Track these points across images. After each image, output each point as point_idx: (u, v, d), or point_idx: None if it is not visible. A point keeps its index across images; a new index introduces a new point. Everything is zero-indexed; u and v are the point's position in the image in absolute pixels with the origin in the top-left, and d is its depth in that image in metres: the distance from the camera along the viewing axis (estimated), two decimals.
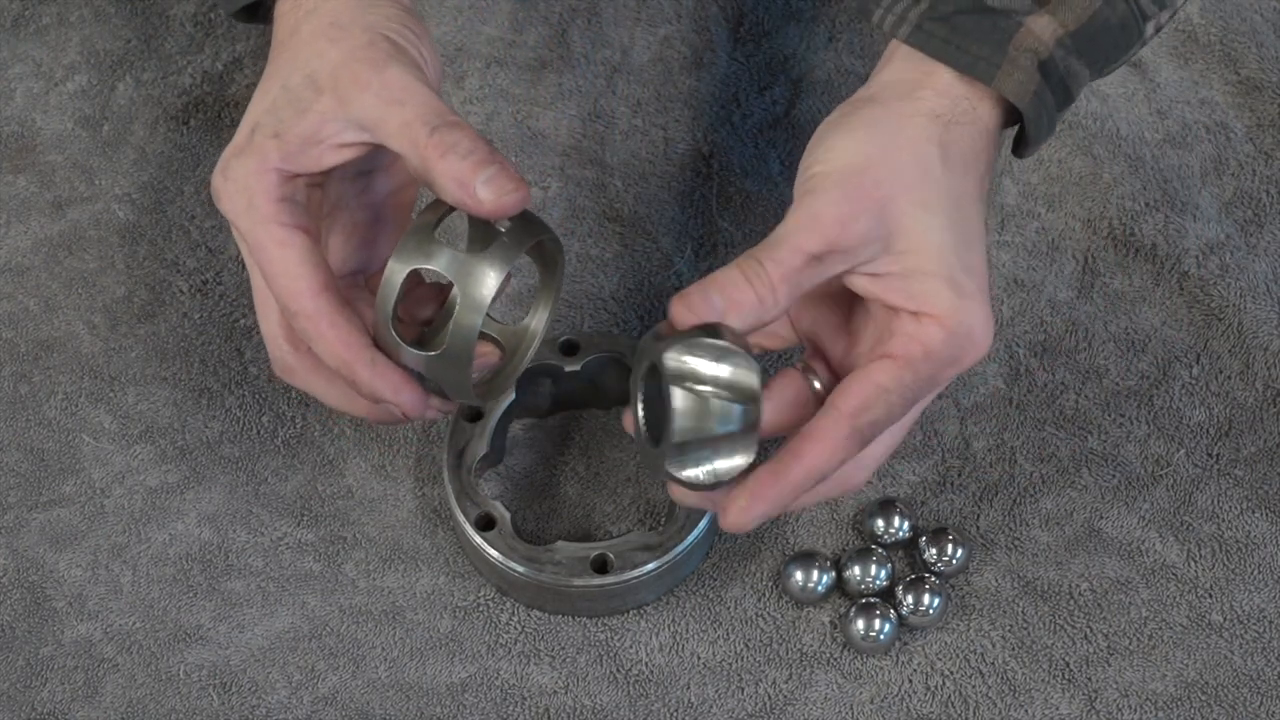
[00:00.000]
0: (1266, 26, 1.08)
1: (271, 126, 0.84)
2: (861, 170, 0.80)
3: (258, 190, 0.84)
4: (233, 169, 0.85)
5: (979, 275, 0.81)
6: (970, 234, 0.81)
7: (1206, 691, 0.92)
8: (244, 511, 0.96)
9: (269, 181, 0.84)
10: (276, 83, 0.85)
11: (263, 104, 0.85)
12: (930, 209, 0.80)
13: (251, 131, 0.84)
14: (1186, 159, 1.05)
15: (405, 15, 0.85)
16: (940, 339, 0.80)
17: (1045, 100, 0.83)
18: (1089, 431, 0.98)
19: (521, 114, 1.06)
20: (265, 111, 0.84)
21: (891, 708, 0.91)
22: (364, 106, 0.82)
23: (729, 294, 0.79)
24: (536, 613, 0.94)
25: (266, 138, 0.84)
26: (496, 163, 0.81)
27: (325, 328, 0.84)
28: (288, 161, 0.84)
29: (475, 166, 0.81)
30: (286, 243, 0.84)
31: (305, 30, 0.85)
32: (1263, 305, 1.01)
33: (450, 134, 0.81)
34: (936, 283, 0.80)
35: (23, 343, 1.00)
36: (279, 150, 0.84)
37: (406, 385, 0.85)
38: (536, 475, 0.97)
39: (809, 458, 0.80)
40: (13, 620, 0.93)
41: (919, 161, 0.81)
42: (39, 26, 1.08)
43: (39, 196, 1.04)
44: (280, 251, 0.84)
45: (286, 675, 0.92)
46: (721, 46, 1.07)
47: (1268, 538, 0.95)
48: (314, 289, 0.84)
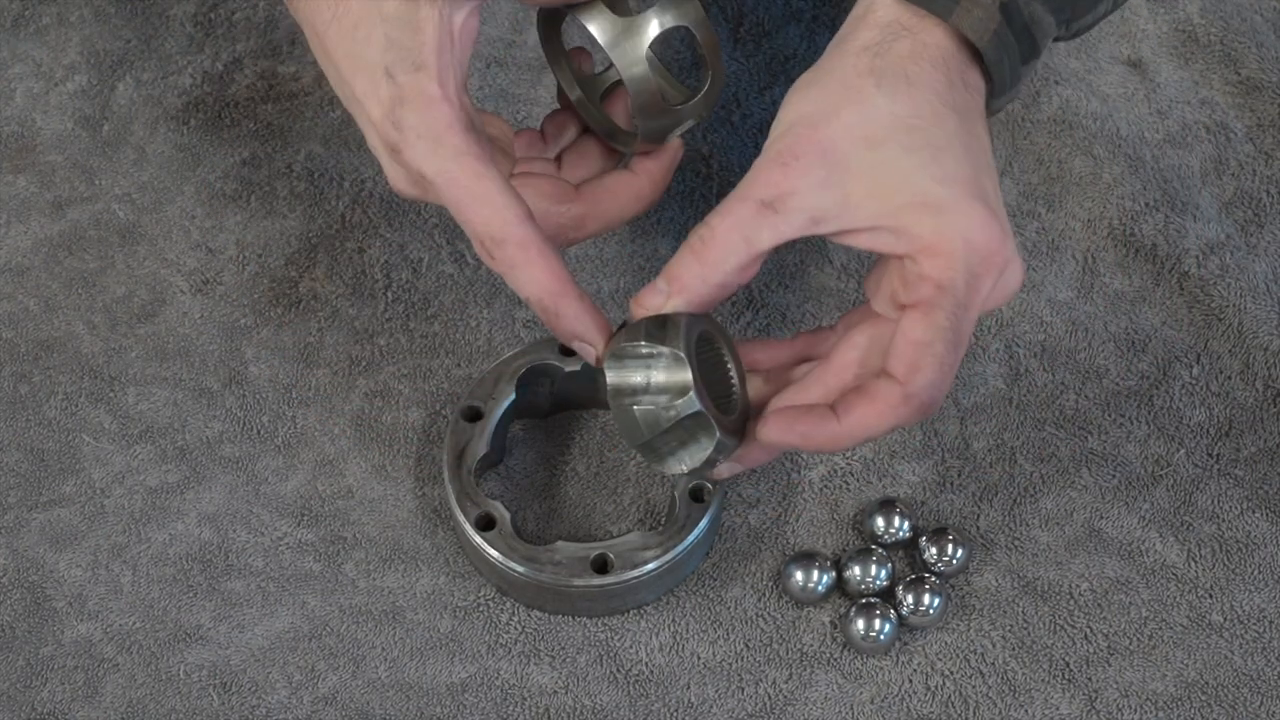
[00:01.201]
0: (1266, 26, 1.08)
1: (406, 60, 0.81)
2: (801, 120, 0.80)
3: (440, 127, 0.81)
4: (403, 118, 0.81)
5: (961, 182, 0.79)
6: (936, 146, 0.79)
7: (1206, 691, 0.92)
8: (244, 511, 0.96)
9: (446, 115, 0.81)
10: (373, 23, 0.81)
11: (374, 47, 0.81)
12: (877, 142, 0.79)
13: (388, 76, 0.81)
14: (1186, 159, 1.05)
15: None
16: (944, 267, 0.78)
17: (1007, 42, 0.81)
18: (1089, 431, 0.98)
19: (521, 114, 1.06)
20: (384, 50, 0.81)
21: (891, 708, 0.91)
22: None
23: (673, 274, 0.81)
24: (536, 613, 0.94)
25: (410, 73, 0.81)
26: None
27: (535, 255, 0.82)
28: (444, 83, 0.81)
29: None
30: (483, 174, 0.81)
31: None
32: (1263, 305, 1.01)
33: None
34: (911, 214, 0.78)
35: (23, 343, 1.00)
36: (430, 79, 0.81)
37: (604, 329, 0.84)
38: (536, 475, 0.97)
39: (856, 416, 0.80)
40: (13, 620, 0.93)
41: (853, 96, 0.80)
42: (39, 26, 1.08)
43: (39, 196, 1.04)
44: (479, 184, 0.81)
45: (286, 675, 0.92)
46: (721, 46, 1.07)
47: (1268, 538, 0.95)
48: (520, 217, 0.81)
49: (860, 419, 0.80)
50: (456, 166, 0.81)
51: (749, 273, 0.82)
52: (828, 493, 0.96)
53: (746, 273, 0.82)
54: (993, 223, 0.79)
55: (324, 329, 1.00)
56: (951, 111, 0.80)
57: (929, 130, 0.79)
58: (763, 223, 0.80)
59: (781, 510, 0.96)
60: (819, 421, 0.81)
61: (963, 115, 0.81)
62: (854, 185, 0.79)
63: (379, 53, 0.81)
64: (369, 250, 1.02)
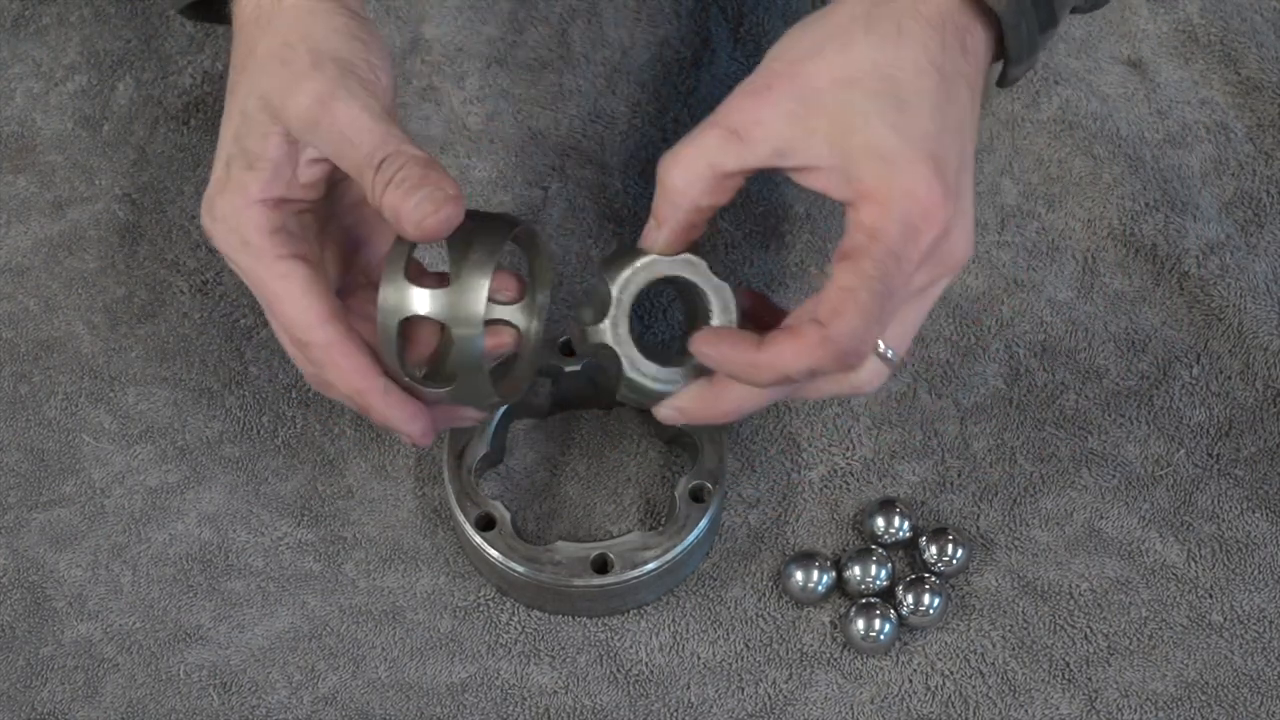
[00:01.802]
0: (1266, 26, 1.08)
1: (242, 158, 0.84)
2: (784, 55, 0.80)
3: (248, 226, 0.84)
4: (218, 208, 0.84)
5: (918, 138, 0.78)
6: (904, 98, 0.79)
7: (1206, 691, 0.92)
8: (244, 511, 0.96)
9: (257, 215, 0.84)
10: (236, 108, 0.84)
11: (229, 133, 0.85)
12: (849, 84, 0.79)
13: (227, 166, 0.84)
14: (1186, 159, 1.05)
15: (354, 24, 0.85)
16: (879, 215, 0.78)
17: (1025, 8, 0.81)
18: (1089, 431, 0.98)
19: (521, 114, 1.06)
20: (232, 141, 0.84)
21: (891, 708, 0.91)
22: (318, 141, 0.82)
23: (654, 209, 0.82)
24: (536, 613, 0.94)
25: (241, 170, 0.84)
26: (426, 185, 0.80)
27: (337, 357, 0.84)
28: (268, 190, 0.84)
29: (405, 195, 0.80)
30: (287, 275, 0.84)
31: (261, 49, 0.84)
32: (1263, 305, 1.01)
33: (389, 167, 0.81)
34: (860, 158, 0.78)
35: (23, 343, 1.00)
36: (257, 181, 0.83)
37: (418, 415, 0.85)
38: (536, 475, 0.97)
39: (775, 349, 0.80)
40: (13, 620, 0.93)
41: (839, 38, 0.80)
42: (39, 26, 1.08)
43: (39, 196, 1.04)
44: (282, 285, 0.84)
45: (286, 675, 0.92)
46: (721, 46, 1.07)
47: (1268, 538, 0.95)
48: (321, 318, 0.83)
49: (778, 352, 0.80)
50: (261, 267, 0.84)
51: (722, 197, 0.82)
52: (828, 493, 0.96)
53: (718, 196, 0.82)
54: (936, 181, 0.78)
55: None
56: (934, 70, 0.80)
57: (903, 82, 0.79)
58: (728, 149, 0.80)
59: (781, 510, 0.96)
60: (740, 346, 0.81)
61: (947, 77, 0.80)
62: (818, 122, 0.79)
63: (226, 142, 0.85)
64: None
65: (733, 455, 0.97)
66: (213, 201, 0.85)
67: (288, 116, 0.82)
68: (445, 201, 0.80)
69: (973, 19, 0.81)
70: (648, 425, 0.98)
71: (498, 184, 1.04)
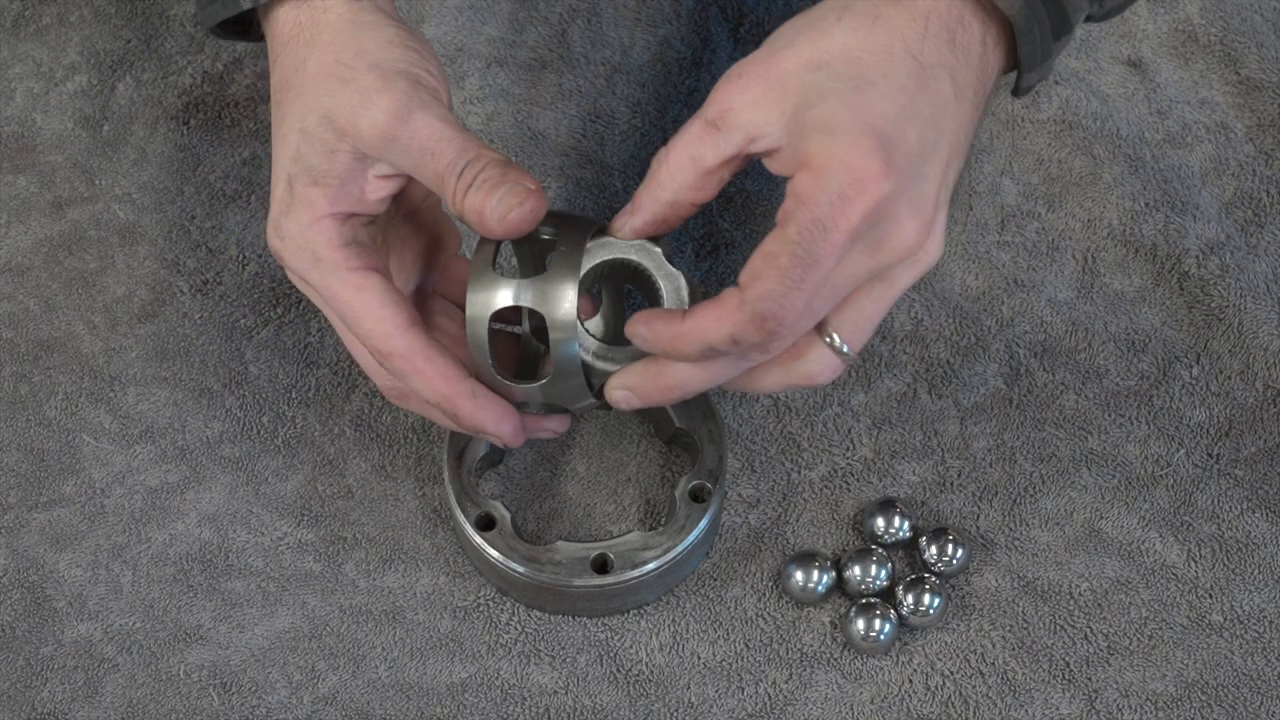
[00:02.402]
0: (1266, 26, 1.08)
1: (307, 175, 0.84)
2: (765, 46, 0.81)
3: (319, 242, 0.84)
4: (285, 227, 0.84)
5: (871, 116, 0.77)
6: (869, 80, 0.78)
7: (1206, 691, 0.92)
8: (244, 511, 0.96)
9: (327, 230, 0.84)
10: (293, 127, 0.84)
11: (286, 152, 0.84)
12: (817, 66, 0.79)
13: (289, 184, 0.84)
14: (1186, 159, 1.05)
15: (404, 34, 0.85)
16: (810, 182, 0.77)
17: (1037, 12, 0.81)
18: (1089, 431, 0.98)
19: (521, 114, 1.06)
20: (292, 160, 0.84)
21: (891, 708, 0.91)
22: (394, 156, 0.83)
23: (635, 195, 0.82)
24: (536, 613, 0.94)
25: (306, 187, 0.84)
26: (507, 181, 0.81)
27: (421, 364, 0.84)
28: (336, 204, 0.84)
29: (488, 193, 0.81)
30: (362, 286, 0.84)
31: (312, 66, 0.84)
32: (1263, 305, 1.01)
33: (471, 171, 0.81)
34: (812, 133, 0.77)
35: (23, 343, 1.00)
36: (324, 196, 0.83)
37: (507, 416, 0.86)
38: (536, 475, 0.97)
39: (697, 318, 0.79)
40: (13, 620, 0.93)
41: (815, 27, 0.80)
42: (39, 26, 1.08)
43: (39, 196, 1.04)
44: (359, 297, 0.84)
45: (286, 675, 0.92)
46: (721, 46, 1.07)
47: (1268, 538, 0.95)
48: (400, 327, 0.83)
49: (698, 321, 0.79)
50: (335, 281, 0.84)
51: (702, 193, 0.82)
52: (828, 493, 0.96)
53: (699, 193, 0.82)
54: (876, 155, 0.77)
55: (324, 329, 1.00)
56: (910, 58, 0.79)
57: (870, 65, 0.79)
58: (706, 141, 0.80)
59: (781, 510, 0.96)
60: (666, 320, 0.81)
61: (925, 67, 0.79)
62: (785, 105, 0.79)
63: (288, 159, 0.84)
64: None
65: (733, 455, 0.97)
66: (279, 222, 0.85)
67: (359, 134, 0.82)
68: (528, 195, 0.81)
69: (970, 16, 0.80)
70: (647, 425, 0.98)
71: None
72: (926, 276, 1.01)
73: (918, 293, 1.01)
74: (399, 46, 0.84)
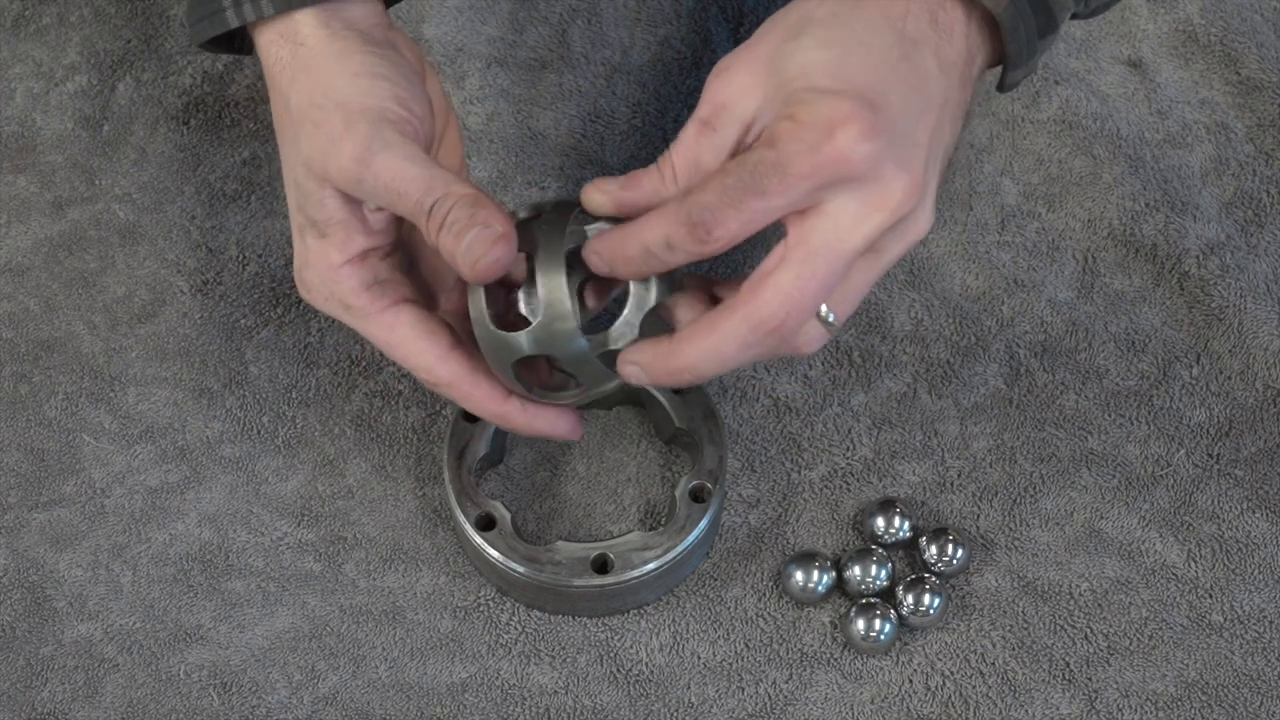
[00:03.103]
0: (1266, 26, 1.08)
1: (312, 228, 0.85)
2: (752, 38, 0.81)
3: (342, 290, 0.85)
4: (309, 281, 0.86)
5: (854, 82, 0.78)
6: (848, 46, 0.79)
7: (1206, 691, 0.92)
8: (244, 511, 0.96)
9: (346, 278, 0.85)
10: (290, 178, 0.85)
11: (293, 204, 0.86)
12: (798, 32, 0.79)
13: (302, 237, 0.85)
14: (1186, 159, 1.05)
15: (372, 60, 0.84)
16: (786, 128, 0.77)
17: (1023, 11, 0.81)
18: (1089, 431, 0.98)
19: (521, 114, 1.06)
20: (298, 212, 0.85)
21: (891, 708, 0.91)
22: (366, 196, 0.83)
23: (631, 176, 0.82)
24: (536, 613, 0.94)
25: (316, 240, 0.85)
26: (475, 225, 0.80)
27: (468, 390, 0.85)
28: (347, 250, 0.84)
29: (456, 238, 0.81)
30: (394, 325, 0.85)
31: (294, 104, 0.85)
32: (1263, 305, 1.01)
33: (438, 211, 0.81)
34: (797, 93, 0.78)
35: (23, 343, 1.00)
36: (334, 246, 0.84)
37: (561, 417, 0.87)
38: (536, 475, 0.97)
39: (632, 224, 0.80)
40: (13, 620, 0.93)
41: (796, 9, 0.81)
42: (39, 26, 1.08)
43: (39, 196, 1.04)
44: (394, 335, 0.85)
45: (286, 675, 0.92)
46: (721, 46, 1.07)
47: (1268, 538, 0.95)
48: (439, 357, 0.85)
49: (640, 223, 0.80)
50: (369, 325, 0.85)
51: None
52: (828, 493, 0.96)
53: None
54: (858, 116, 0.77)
55: (324, 329, 1.00)
56: (892, 31, 0.80)
57: (851, 31, 0.79)
58: (705, 143, 0.80)
59: (781, 510, 0.96)
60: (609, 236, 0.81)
61: (906, 39, 0.80)
62: (771, 82, 0.79)
63: (293, 212, 0.86)
64: None
65: (733, 455, 0.97)
66: (301, 276, 0.86)
67: (334, 179, 0.83)
68: (495, 242, 0.80)
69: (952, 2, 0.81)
70: (647, 425, 0.98)
71: (498, 184, 1.04)
72: (926, 276, 1.01)
73: (918, 292, 1.01)
74: (365, 77, 0.84)
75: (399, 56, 0.86)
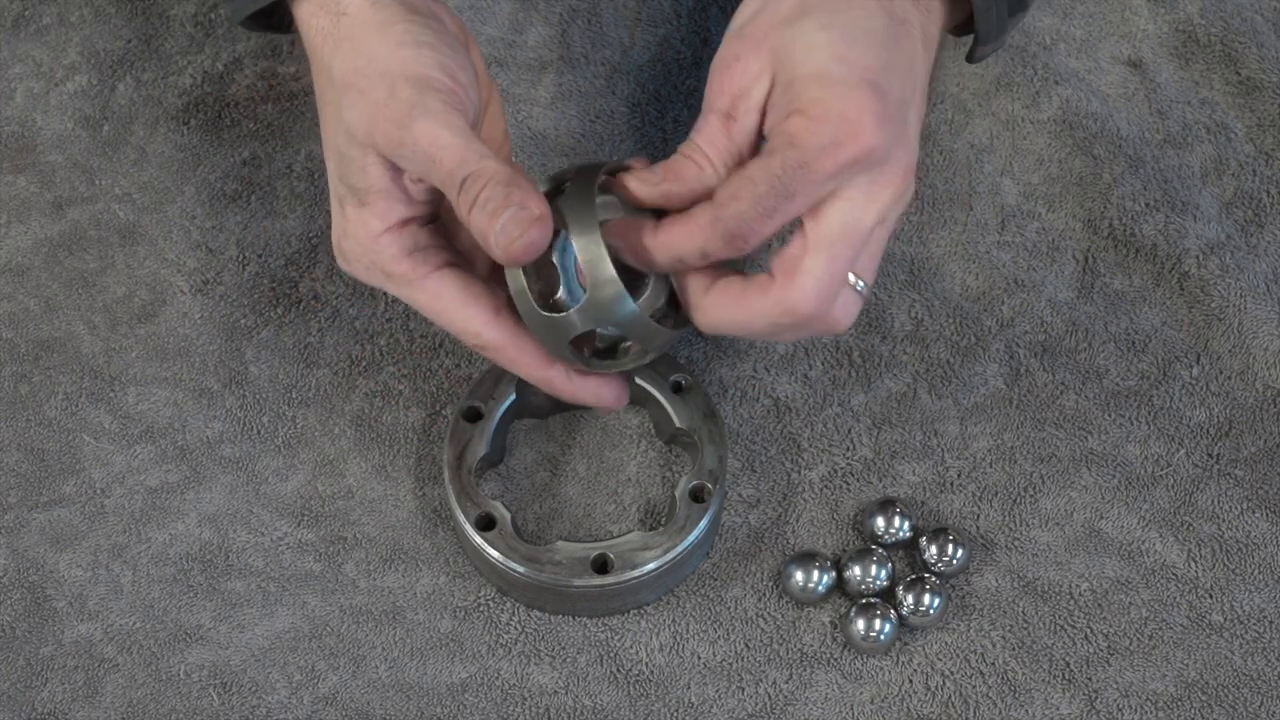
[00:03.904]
0: (1266, 26, 1.08)
1: (352, 196, 0.84)
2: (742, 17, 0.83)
3: (384, 259, 0.84)
4: (348, 251, 0.85)
5: (860, 67, 0.80)
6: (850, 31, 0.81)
7: (1206, 691, 0.92)
8: (244, 511, 0.96)
9: (387, 246, 0.84)
10: (332, 146, 0.85)
11: (333, 174, 0.85)
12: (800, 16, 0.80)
13: (341, 205, 0.85)
14: (1186, 159, 1.05)
15: (415, 29, 0.84)
16: (803, 126, 0.79)
17: None
18: (1089, 431, 0.98)
19: (521, 114, 1.06)
20: (338, 180, 0.85)
21: (891, 708, 0.91)
22: (405, 163, 0.83)
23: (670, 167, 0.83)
24: (536, 613, 0.94)
25: (356, 208, 0.84)
26: (510, 205, 0.80)
27: (514, 354, 0.85)
28: (388, 217, 0.84)
29: (490, 219, 0.81)
30: (439, 292, 0.85)
31: (337, 72, 0.84)
32: (1263, 305, 1.01)
33: (471, 187, 0.81)
34: (806, 82, 0.80)
35: (23, 343, 1.00)
36: (374, 214, 0.84)
37: (606, 384, 0.87)
38: (536, 475, 0.97)
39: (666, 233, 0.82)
40: (13, 620, 0.93)
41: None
42: (39, 26, 1.08)
43: (39, 196, 1.04)
44: (439, 302, 0.85)
45: (286, 675, 0.92)
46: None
47: (1268, 538, 0.95)
48: (486, 322, 0.85)
49: (670, 230, 0.82)
50: (412, 291, 0.85)
51: None
52: (828, 493, 0.96)
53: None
54: (870, 103, 0.79)
55: (324, 329, 1.00)
56: (883, 12, 0.82)
57: (850, 15, 0.81)
58: (730, 136, 0.82)
59: (781, 510, 0.96)
60: (640, 229, 0.83)
61: (895, 20, 0.82)
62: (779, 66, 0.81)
63: (333, 182, 0.86)
64: None
65: (733, 455, 0.97)
66: (340, 246, 0.86)
67: (377, 143, 0.83)
68: (530, 225, 0.80)
69: None
70: (647, 425, 0.98)
71: None
72: (926, 276, 1.01)
73: (918, 292, 1.01)
74: (410, 46, 0.84)
75: (441, 26, 0.86)
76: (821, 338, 0.99)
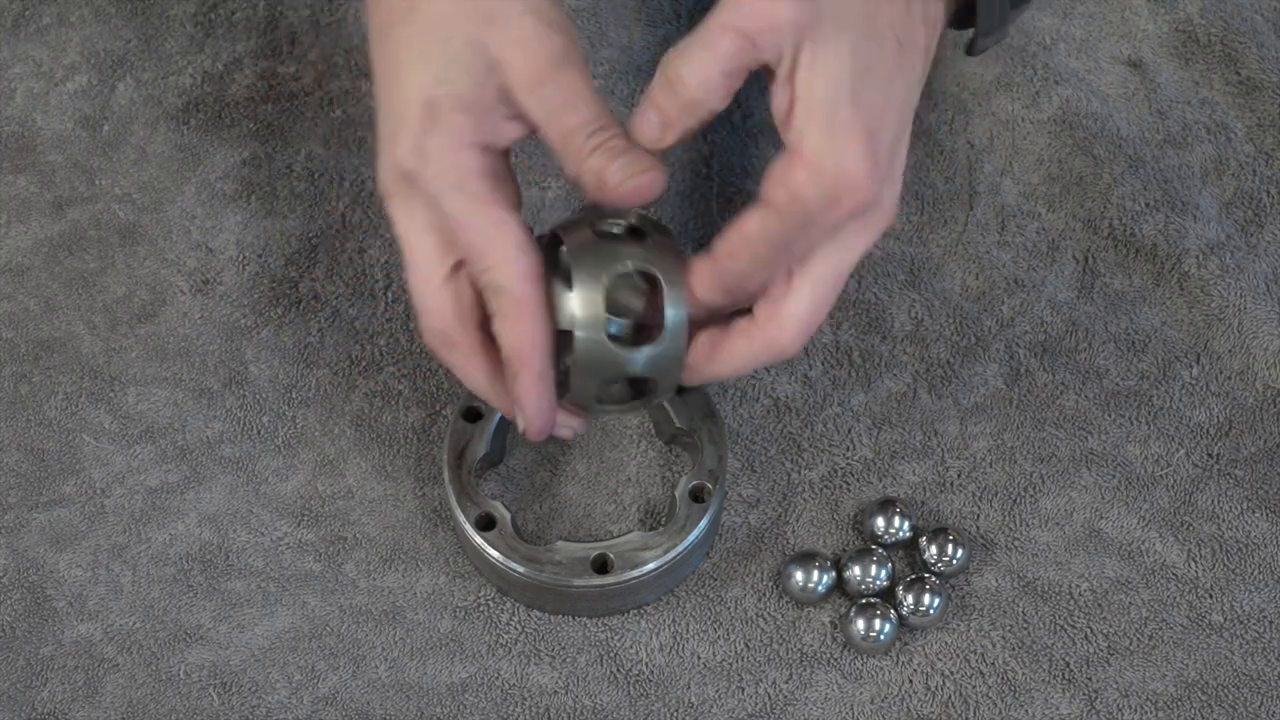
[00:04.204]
0: (1266, 26, 1.08)
1: (453, 100, 0.81)
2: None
3: (465, 168, 0.82)
4: (430, 149, 0.81)
5: (865, 109, 0.79)
6: (874, 65, 0.80)
7: (1206, 691, 0.92)
8: (244, 511, 0.96)
9: (472, 158, 0.82)
10: (434, 50, 0.82)
11: (427, 75, 0.82)
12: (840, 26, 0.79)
13: (428, 107, 0.81)
14: (1186, 159, 1.05)
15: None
16: (804, 181, 0.79)
17: None
18: (1089, 431, 0.98)
19: None
20: (437, 83, 0.81)
21: (891, 708, 0.91)
22: (534, 103, 0.81)
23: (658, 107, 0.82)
24: (536, 613, 0.94)
25: (452, 112, 0.81)
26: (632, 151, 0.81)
27: (525, 317, 0.82)
28: (480, 134, 0.82)
29: (610, 158, 0.80)
30: (502, 223, 0.82)
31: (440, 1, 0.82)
32: (1263, 305, 1.01)
33: (600, 135, 0.81)
34: (812, 118, 0.79)
35: (23, 343, 1.00)
36: (470, 124, 0.81)
37: (550, 412, 0.85)
38: (536, 475, 0.97)
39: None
40: (13, 620, 0.93)
41: None
42: (39, 26, 1.08)
43: (39, 196, 1.04)
44: (497, 233, 0.82)
45: (286, 675, 0.92)
46: None
47: (1268, 538, 0.95)
48: (526, 276, 0.82)
49: None
50: (479, 212, 0.82)
51: (725, 102, 0.82)
52: (828, 493, 0.96)
53: (724, 101, 0.82)
54: (867, 158, 0.79)
55: (324, 329, 1.00)
56: (895, 40, 0.81)
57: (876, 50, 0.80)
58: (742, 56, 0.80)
59: (781, 510, 0.96)
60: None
61: (904, 47, 0.82)
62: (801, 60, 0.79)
63: (429, 83, 0.82)
64: (369, 250, 1.02)
65: (733, 455, 0.97)
66: (420, 142, 0.81)
67: (512, 69, 0.81)
68: (652, 166, 0.81)
69: None
70: (647, 425, 0.98)
71: None
72: (926, 276, 1.01)
73: (918, 292, 1.01)
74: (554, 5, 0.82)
75: None
76: (821, 338, 0.99)
